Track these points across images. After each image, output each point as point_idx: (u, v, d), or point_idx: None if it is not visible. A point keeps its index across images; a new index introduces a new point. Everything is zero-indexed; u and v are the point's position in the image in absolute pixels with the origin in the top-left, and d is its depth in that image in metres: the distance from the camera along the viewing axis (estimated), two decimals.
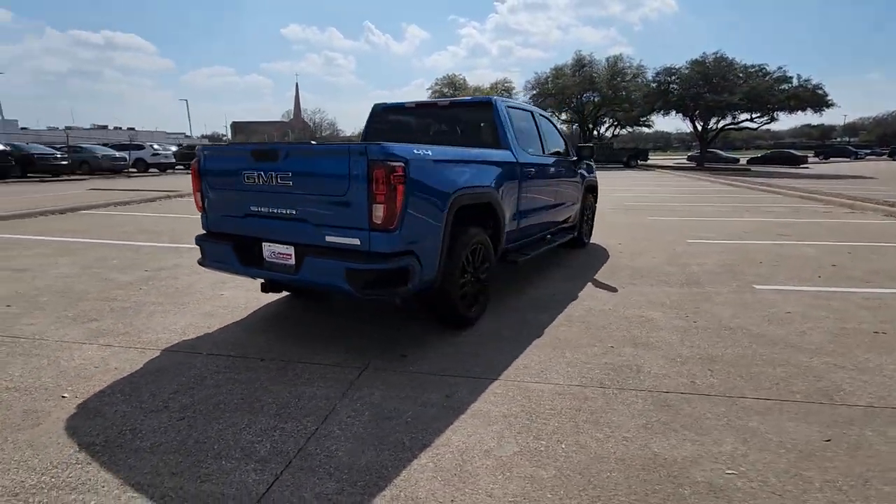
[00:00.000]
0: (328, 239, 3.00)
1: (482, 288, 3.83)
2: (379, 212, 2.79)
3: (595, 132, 43.91)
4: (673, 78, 33.64)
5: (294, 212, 3.12)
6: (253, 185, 3.22)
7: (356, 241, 2.90)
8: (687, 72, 32.91)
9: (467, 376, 2.93)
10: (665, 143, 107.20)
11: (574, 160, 5.91)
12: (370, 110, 5.01)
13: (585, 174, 6.40)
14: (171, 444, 2.26)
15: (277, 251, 3.22)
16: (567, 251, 6.44)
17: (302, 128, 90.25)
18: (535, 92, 41.96)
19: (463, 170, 3.47)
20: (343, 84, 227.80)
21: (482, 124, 4.44)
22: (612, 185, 18.54)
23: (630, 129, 45.75)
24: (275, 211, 3.20)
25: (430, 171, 3.08)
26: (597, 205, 7.26)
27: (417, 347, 3.34)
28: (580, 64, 39.38)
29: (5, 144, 18.40)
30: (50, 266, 5.62)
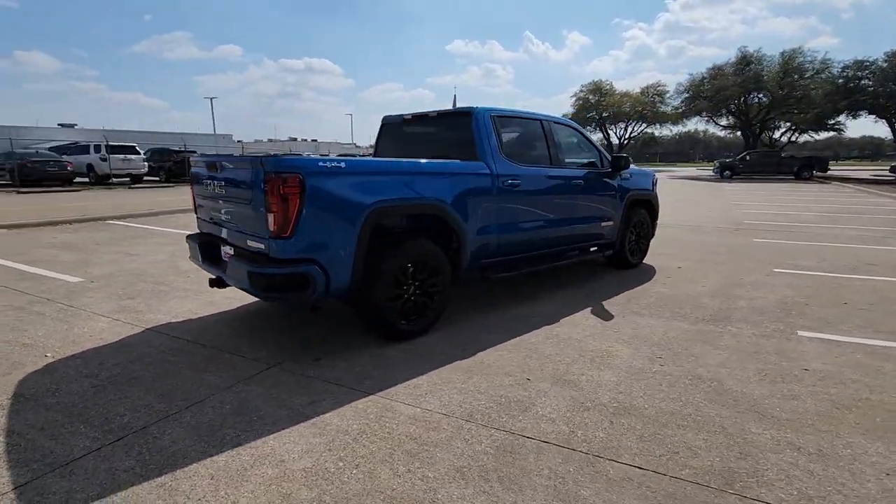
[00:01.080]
0: (248, 243, 3.27)
1: (431, 301, 3.75)
2: (273, 220, 2.97)
3: (766, 138, 37.95)
4: (865, 73, 27.46)
5: (231, 217, 3.46)
6: (212, 192, 3.66)
7: (262, 247, 3.12)
8: (885, 65, 26.56)
9: (350, 387, 2.93)
10: (875, 150, 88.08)
11: (607, 172, 5.36)
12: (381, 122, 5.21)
13: (628, 187, 5.73)
14: (67, 404, 2.73)
15: (226, 252, 3.60)
16: (606, 270, 5.84)
17: None
18: (687, 95, 37.96)
19: (391, 182, 3.46)
20: (500, 94, 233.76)
21: (462, 135, 4.33)
22: (750, 198, 15.98)
23: (814, 135, 38.51)
24: (223, 216, 3.59)
25: (338, 182, 3.16)
26: (655, 221, 6.42)
27: (339, 354, 3.42)
28: (745, 61, 34.39)
29: None
30: (153, 253, 6.94)
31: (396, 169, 3.56)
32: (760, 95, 34.25)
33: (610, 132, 51.47)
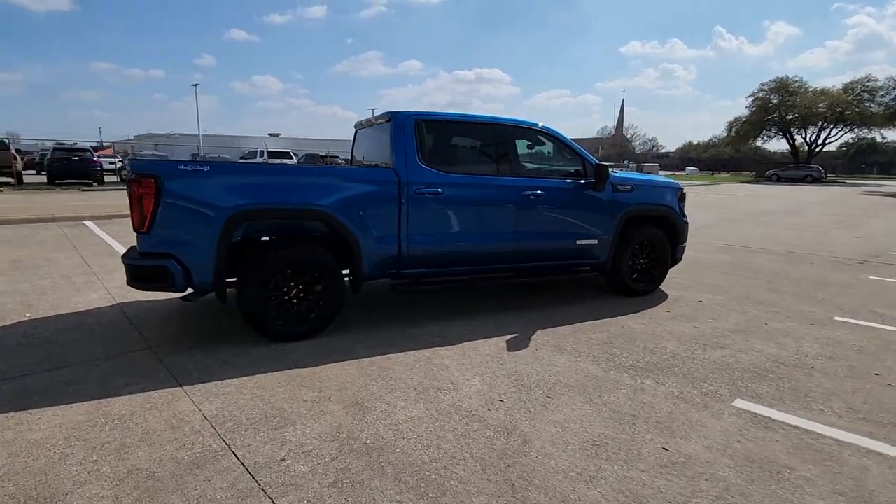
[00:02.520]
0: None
1: (316, 306, 3.75)
2: (134, 217, 3.30)
3: None
4: None
5: None
6: None
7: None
8: None
9: (174, 377, 3.10)
10: None
11: (588, 182, 4.65)
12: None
13: (625, 201, 4.87)
14: None
15: None
16: (599, 295, 5.06)
17: (614, 143, 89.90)
18: None
19: (262, 186, 3.54)
20: (678, 96, 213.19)
21: (387, 140, 4.19)
22: None
23: None
24: None
25: (198, 185, 3.36)
26: (678, 243, 5.31)
27: (217, 347, 3.60)
28: None
29: None
30: None
31: (269, 174, 3.65)
32: None
33: (798, 137, 43.40)
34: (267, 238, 3.92)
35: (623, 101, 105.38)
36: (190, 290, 3.55)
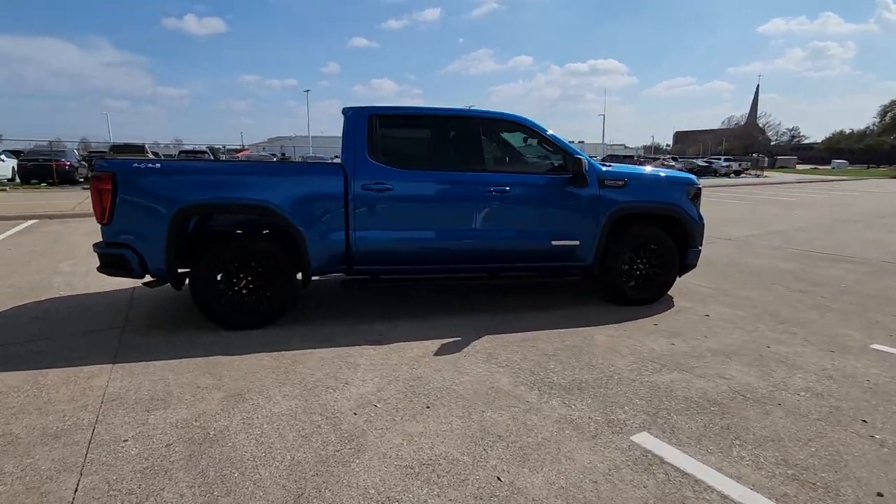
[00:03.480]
0: None
1: (265, 297, 3.90)
2: (95, 209, 3.70)
3: None
4: None
5: None
6: None
7: None
8: None
9: (113, 355, 3.42)
10: None
11: (565, 178, 4.25)
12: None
13: (616, 198, 4.35)
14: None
15: None
16: (589, 304, 4.60)
17: (741, 134, 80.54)
18: None
19: (209, 183, 3.75)
20: (831, 78, 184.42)
21: None
22: None
23: None
24: None
25: (151, 182, 3.66)
26: (691, 246, 4.60)
27: (177, 331, 3.91)
28: None
29: None
30: None
31: (217, 171, 3.85)
32: None
33: None
34: (234, 231, 4.16)
35: (758, 86, 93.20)
36: (151, 278, 3.90)
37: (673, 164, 32.88)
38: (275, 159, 27.65)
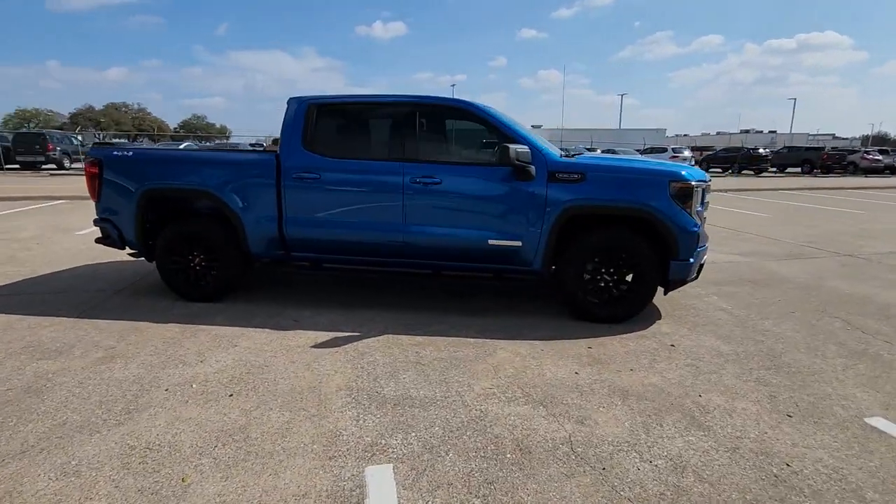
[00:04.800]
0: None
1: (208, 275, 4.27)
2: (90, 190, 4.42)
3: None
4: None
5: None
6: None
7: None
8: None
9: (79, 313, 4.10)
10: None
11: (507, 170, 3.74)
12: None
13: (563, 197, 3.68)
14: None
15: None
16: (551, 317, 4.02)
17: None
18: None
19: (165, 170, 4.18)
20: None
21: None
22: None
23: None
24: None
25: (124, 167, 4.24)
26: (675, 256, 3.65)
27: (159, 299, 4.53)
28: None
29: None
30: None
31: (171, 159, 4.25)
32: None
33: None
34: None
35: None
36: (131, 250, 4.54)
37: (878, 156, 25.45)
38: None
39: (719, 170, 27.57)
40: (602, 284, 3.83)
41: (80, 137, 26.08)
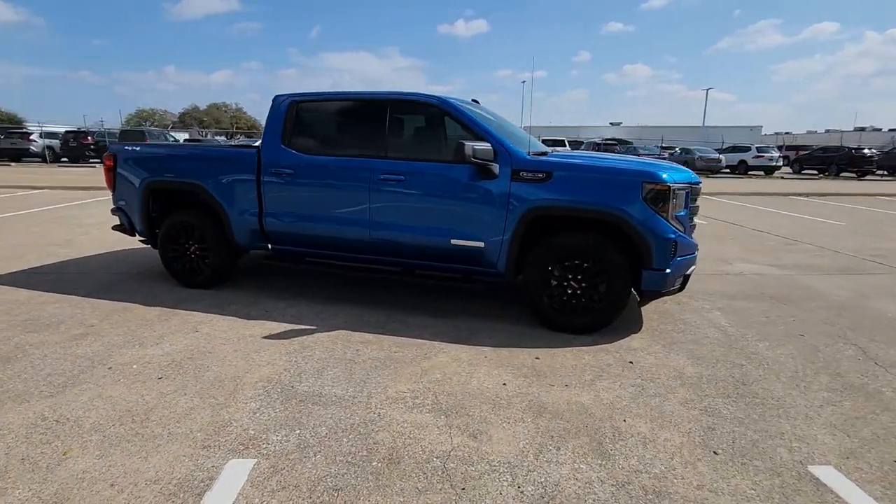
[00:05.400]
0: None
1: (202, 263, 4.54)
2: (107, 181, 4.86)
3: None
4: None
5: None
6: None
7: None
8: None
9: (86, 294, 4.52)
10: None
11: (469, 168, 3.60)
12: None
13: (529, 196, 3.47)
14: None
15: None
16: (506, 327, 3.85)
17: None
18: None
19: (162, 164, 4.49)
20: None
21: None
22: None
23: None
24: None
25: (132, 162, 4.61)
26: (648, 267, 3.33)
27: (173, 287, 4.90)
28: None
29: None
30: None
31: (165, 154, 4.55)
32: None
33: None
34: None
35: None
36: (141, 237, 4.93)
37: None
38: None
39: (814, 172, 24.72)
40: (569, 292, 3.58)
41: (173, 135, 28.77)
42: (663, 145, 27.53)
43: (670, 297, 4.43)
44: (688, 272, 3.59)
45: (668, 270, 3.37)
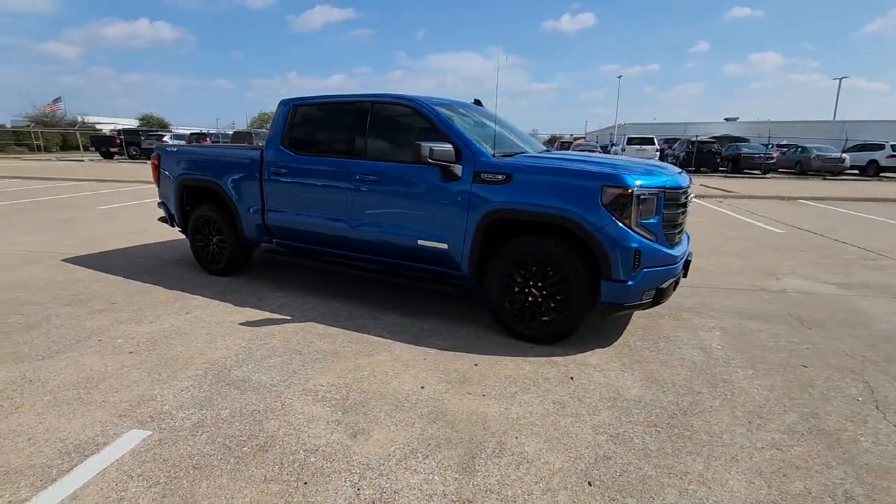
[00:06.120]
0: None
1: (221, 253, 5.03)
2: (154, 178, 5.54)
3: None
4: None
5: None
6: None
7: None
8: None
9: (151, 279, 5.20)
10: None
11: (434, 170, 3.58)
12: None
13: (490, 197, 3.36)
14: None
15: None
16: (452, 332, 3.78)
17: None
18: None
19: (190, 163, 5.01)
20: None
21: None
22: None
23: None
24: None
25: (170, 161, 5.21)
26: (606, 277, 3.05)
27: (200, 274, 5.50)
28: None
29: None
30: None
31: (193, 154, 5.03)
32: None
33: None
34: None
35: None
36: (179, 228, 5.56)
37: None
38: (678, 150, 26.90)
39: None
40: (530, 299, 3.42)
41: None
42: (782, 143, 24.39)
43: (668, 313, 4.04)
44: (663, 285, 3.25)
45: (629, 283, 3.08)
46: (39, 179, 15.25)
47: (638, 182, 3.07)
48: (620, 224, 3.06)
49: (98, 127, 41.50)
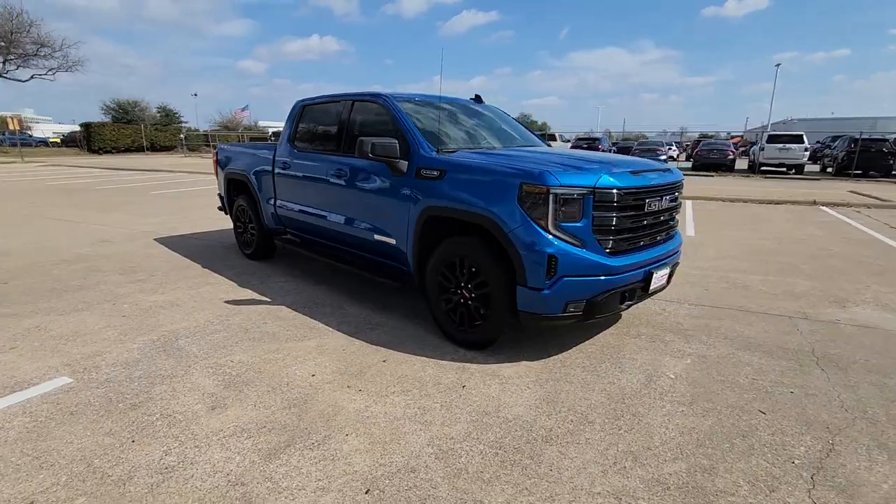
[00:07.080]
0: None
1: (252, 238, 5.63)
2: (215, 173, 6.36)
3: None
4: None
5: None
6: None
7: None
8: None
9: (192, 269, 6.06)
10: None
11: (380, 165, 3.60)
12: None
13: (427, 194, 3.27)
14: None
15: None
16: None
17: None
18: None
19: (239, 158, 5.66)
20: None
21: None
22: None
23: None
24: None
25: (223, 158, 5.96)
26: (523, 283, 2.75)
27: (235, 261, 6.23)
28: None
29: None
30: None
31: (234, 151, 5.66)
32: None
33: None
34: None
35: None
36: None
37: None
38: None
39: None
40: (461, 302, 3.26)
41: None
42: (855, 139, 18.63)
43: (651, 332, 3.53)
44: (595, 298, 2.85)
45: (545, 291, 2.77)
46: (201, 174, 18.34)
47: (558, 180, 2.75)
48: (535, 225, 2.77)
49: (270, 130, 48.25)
